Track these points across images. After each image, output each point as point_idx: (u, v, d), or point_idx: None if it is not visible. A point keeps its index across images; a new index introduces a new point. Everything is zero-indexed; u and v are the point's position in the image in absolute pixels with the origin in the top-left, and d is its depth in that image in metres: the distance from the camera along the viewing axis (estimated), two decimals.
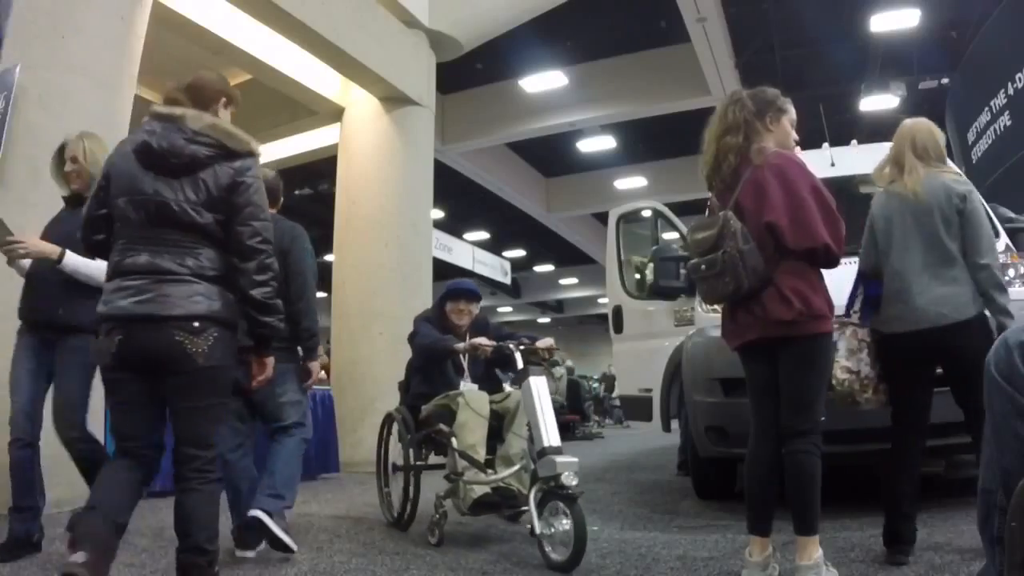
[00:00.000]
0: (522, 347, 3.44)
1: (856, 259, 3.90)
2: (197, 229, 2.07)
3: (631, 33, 11.66)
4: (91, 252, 2.39)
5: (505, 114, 13.09)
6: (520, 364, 3.32)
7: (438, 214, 15.81)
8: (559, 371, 13.57)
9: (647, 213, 5.79)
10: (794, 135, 2.70)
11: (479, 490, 3.17)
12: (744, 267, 2.38)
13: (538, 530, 2.78)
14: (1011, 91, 8.32)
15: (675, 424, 5.04)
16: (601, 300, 24.09)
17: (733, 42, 11.17)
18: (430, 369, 3.76)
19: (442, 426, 3.38)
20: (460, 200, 16.44)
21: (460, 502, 3.22)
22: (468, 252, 17.04)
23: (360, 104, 8.41)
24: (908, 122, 3.13)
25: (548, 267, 25.36)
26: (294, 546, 3.01)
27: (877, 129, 11.29)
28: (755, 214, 2.47)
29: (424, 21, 8.36)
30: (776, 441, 2.44)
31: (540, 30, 10.17)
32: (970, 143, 9.86)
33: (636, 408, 5.61)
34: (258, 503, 2.97)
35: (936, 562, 2.56)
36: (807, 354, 2.40)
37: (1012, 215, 4.55)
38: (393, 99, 8.23)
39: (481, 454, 3.28)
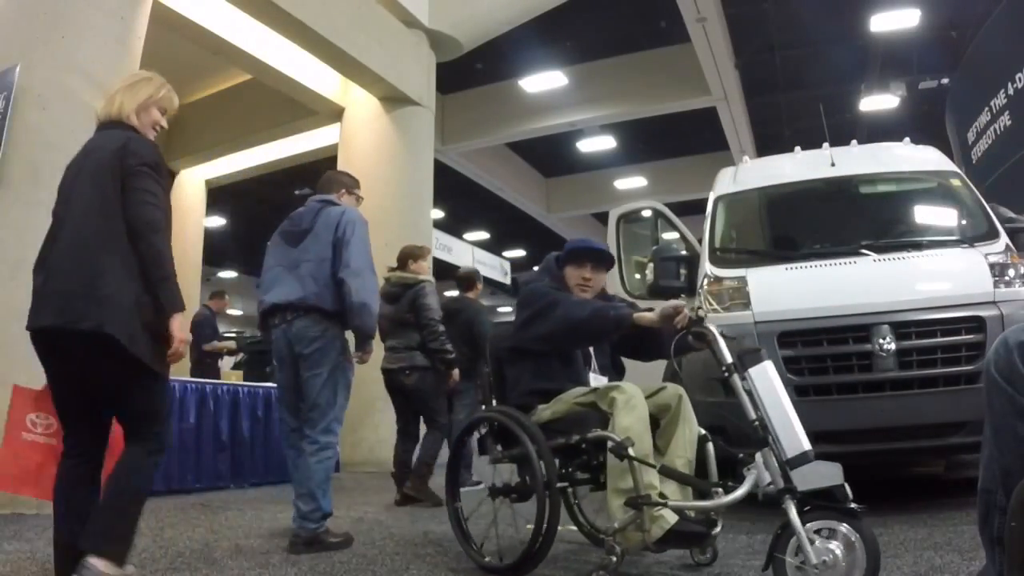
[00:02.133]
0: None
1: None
2: (408, 323, 4.81)
3: (631, 33, 11.67)
4: None
5: (505, 114, 13.10)
6: (722, 344, 2.47)
7: (438, 214, 15.82)
8: None
9: (647, 213, 5.78)
10: None
11: (671, 516, 2.40)
12: None
13: (814, 560, 2.02)
14: (1011, 91, 8.33)
15: None
16: None
17: (733, 42, 11.18)
18: (552, 357, 2.86)
19: (600, 431, 2.52)
20: (460, 200, 16.44)
21: (645, 534, 2.38)
22: (468, 252, 17.01)
23: (360, 104, 8.41)
24: None
25: None
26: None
27: (877, 129, 11.33)
28: None
29: (424, 21, 8.36)
30: None
31: (540, 30, 10.18)
32: (970, 143, 9.86)
33: None
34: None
35: (936, 562, 2.55)
36: None
37: (1012, 215, 4.55)
38: (393, 99, 8.23)
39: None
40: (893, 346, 3.52)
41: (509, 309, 29.32)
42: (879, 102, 11.75)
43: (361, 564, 2.89)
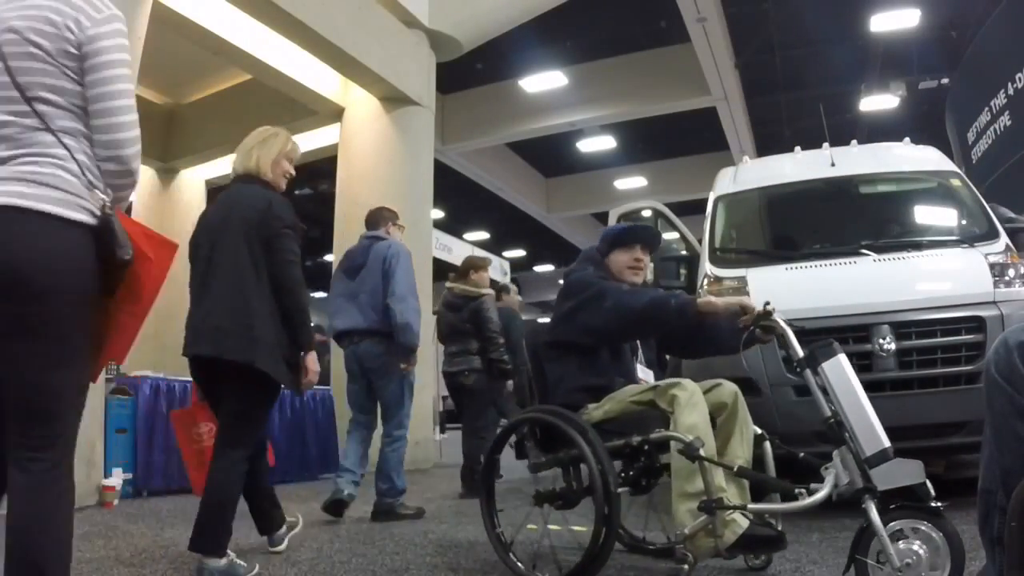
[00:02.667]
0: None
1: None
2: (467, 332, 5.27)
3: (631, 33, 11.67)
4: None
5: (505, 114, 13.10)
6: (792, 338, 2.32)
7: (438, 214, 15.81)
8: None
9: (647, 213, 5.79)
10: None
11: (743, 520, 2.26)
12: None
13: (898, 563, 1.94)
14: (1011, 91, 8.33)
15: None
16: None
17: (733, 42, 11.19)
18: (599, 351, 2.67)
19: (664, 431, 2.34)
20: (460, 200, 16.45)
21: (718, 539, 2.22)
22: (468, 252, 17.03)
23: (360, 104, 8.41)
24: None
25: (548, 267, 25.37)
26: None
27: (877, 129, 11.33)
28: None
29: (424, 21, 8.36)
30: None
31: (540, 30, 10.18)
32: (970, 143, 9.87)
33: None
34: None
35: None
36: None
37: (1012, 215, 4.56)
38: (393, 99, 8.23)
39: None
40: (893, 346, 3.52)
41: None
42: (879, 102, 11.76)
43: (361, 564, 2.89)
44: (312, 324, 3.02)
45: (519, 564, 2.59)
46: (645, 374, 2.73)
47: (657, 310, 2.47)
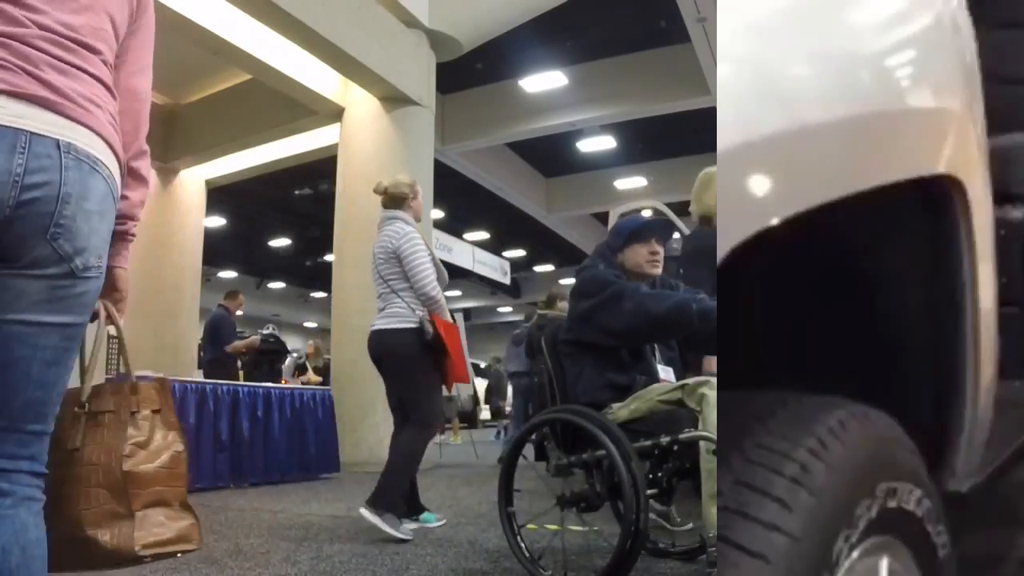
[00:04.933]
0: None
1: None
2: None
3: (631, 33, 11.66)
4: None
5: (505, 114, 13.09)
6: None
7: (438, 214, 15.82)
8: None
9: (647, 213, 5.80)
10: None
11: None
12: None
13: None
14: None
15: None
16: None
17: None
18: (620, 349, 2.63)
19: (694, 431, 2.28)
20: (460, 200, 16.44)
21: None
22: (468, 252, 17.02)
23: (360, 104, 8.41)
24: None
25: (548, 267, 25.38)
26: None
27: None
28: None
29: (424, 21, 8.36)
30: None
31: (540, 30, 10.17)
32: None
33: None
34: None
35: None
36: None
37: None
38: (393, 99, 8.23)
39: None
40: None
41: (510, 309, 29.30)
42: None
43: (361, 564, 2.89)
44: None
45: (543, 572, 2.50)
46: (666, 372, 2.67)
47: (679, 315, 2.41)
